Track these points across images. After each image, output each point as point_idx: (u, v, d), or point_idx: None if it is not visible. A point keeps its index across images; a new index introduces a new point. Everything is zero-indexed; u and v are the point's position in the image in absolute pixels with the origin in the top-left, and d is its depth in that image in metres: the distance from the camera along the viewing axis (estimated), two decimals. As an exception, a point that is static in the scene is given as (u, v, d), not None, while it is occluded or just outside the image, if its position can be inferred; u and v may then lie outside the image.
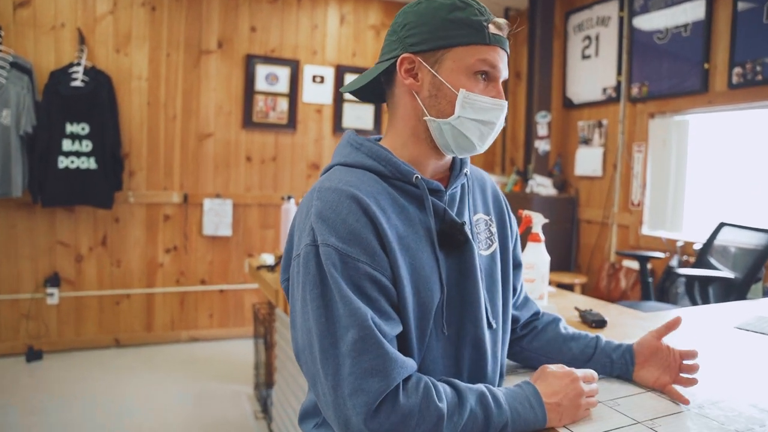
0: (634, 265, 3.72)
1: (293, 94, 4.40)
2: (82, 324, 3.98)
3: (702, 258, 2.90)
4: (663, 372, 1.06)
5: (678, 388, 1.04)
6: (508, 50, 0.96)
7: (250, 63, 4.25)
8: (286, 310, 2.40)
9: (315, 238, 0.83)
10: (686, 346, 1.08)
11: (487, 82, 0.92)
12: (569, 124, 4.42)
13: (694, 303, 2.67)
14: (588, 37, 4.16)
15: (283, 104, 4.39)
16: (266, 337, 3.08)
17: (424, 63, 0.91)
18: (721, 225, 2.93)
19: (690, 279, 2.65)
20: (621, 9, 3.86)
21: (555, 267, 3.99)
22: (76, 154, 3.70)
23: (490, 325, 0.98)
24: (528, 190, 4.33)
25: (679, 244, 3.42)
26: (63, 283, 3.90)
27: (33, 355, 3.72)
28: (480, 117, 0.91)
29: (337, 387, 0.78)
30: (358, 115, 4.63)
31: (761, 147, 3.20)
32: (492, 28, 0.90)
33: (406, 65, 0.92)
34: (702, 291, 2.55)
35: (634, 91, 3.80)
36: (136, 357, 3.93)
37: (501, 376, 1.06)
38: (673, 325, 1.07)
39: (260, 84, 4.30)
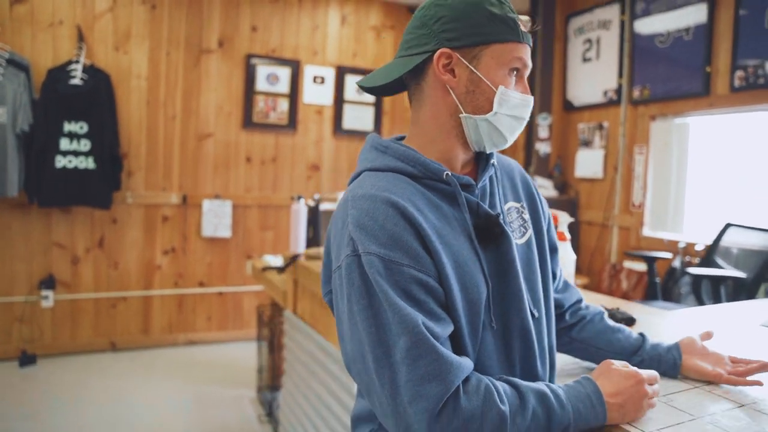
0: (636, 266, 3.73)
1: (294, 94, 4.37)
2: (77, 327, 3.90)
3: (708, 258, 2.92)
4: (716, 364, 1.07)
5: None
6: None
7: (250, 63, 4.22)
8: (296, 311, 2.37)
9: (356, 248, 0.82)
10: (718, 344, 1.09)
11: (517, 79, 0.93)
12: (569, 126, 4.44)
13: (701, 303, 2.68)
14: (589, 40, 4.19)
15: (284, 105, 4.35)
16: (272, 340, 3.04)
17: (462, 59, 0.90)
18: (728, 225, 2.95)
19: (699, 279, 2.66)
20: (622, 12, 3.89)
21: (557, 269, 3.98)
22: (74, 153, 3.63)
23: (532, 315, 0.97)
24: (529, 192, 4.33)
25: (681, 245, 3.44)
26: (58, 285, 3.81)
27: (26, 359, 3.63)
28: (513, 113, 0.92)
29: (396, 395, 0.77)
30: (358, 116, 4.61)
31: (763, 149, 3.23)
32: (522, 26, 0.91)
33: (444, 60, 0.90)
34: (714, 291, 2.56)
35: (636, 93, 3.82)
36: (133, 361, 3.86)
37: (552, 366, 1.04)
38: (706, 337, 1.14)
39: (261, 84, 4.26)
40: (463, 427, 0.76)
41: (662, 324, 1.58)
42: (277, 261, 2.93)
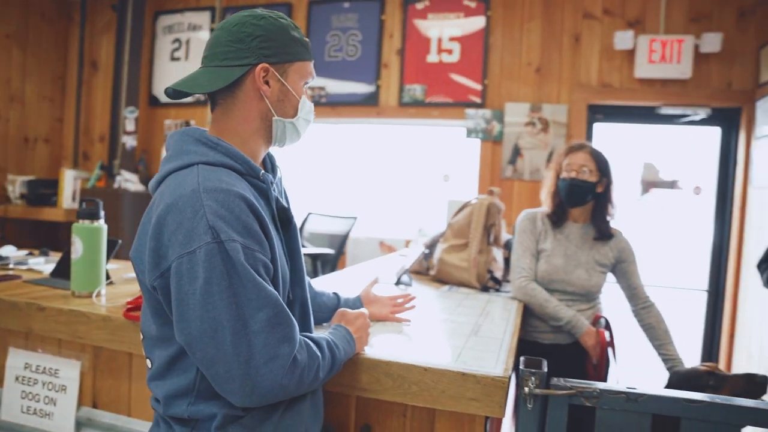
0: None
1: None
2: None
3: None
4: (382, 307, 1.54)
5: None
6: None
7: None
8: None
9: (217, 236, 0.91)
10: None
11: (306, 89, 1.15)
12: (155, 121, 4.44)
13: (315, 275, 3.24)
14: (178, 40, 4.31)
15: None
16: None
17: (275, 73, 1.07)
18: (309, 214, 3.60)
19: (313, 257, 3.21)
20: (212, 21, 4.19)
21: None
22: None
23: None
24: (116, 185, 4.12)
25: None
26: None
27: None
28: (308, 117, 1.15)
29: (250, 359, 0.91)
30: None
31: (328, 154, 4.09)
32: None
33: (263, 73, 1.06)
34: (314, 265, 3.13)
35: (224, 97, 4.17)
36: None
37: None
38: (373, 283, 1.60)
39: None
40: (300, 375, 0.96)
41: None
42: None
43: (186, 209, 0.93)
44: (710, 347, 3.60)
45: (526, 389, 1.06)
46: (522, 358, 1.12)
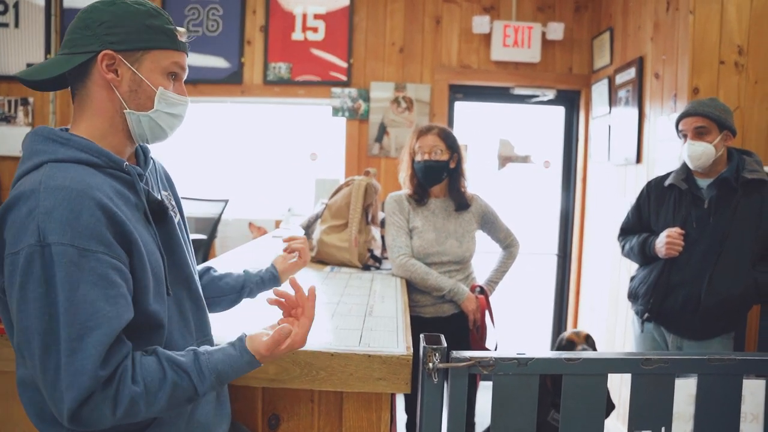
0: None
1: None
2: None
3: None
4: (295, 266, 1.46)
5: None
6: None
7: None
8: None
9: (42, 238, 0.84)
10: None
11: (175, 82, 1.06)
12: (-21, 98, 3.88)
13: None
14: (3, 2, 3.78)
15: None
16: None
17: (124, 61, 0.99)
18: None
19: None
20: (47, -15, 3.72)
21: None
22: None
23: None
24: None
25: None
26: None
27: None
28: (172, 111, 1.06)
29: (57, 381, 0.83)
30: None
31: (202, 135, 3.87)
32: (180, 36, 1.05)
33: (107, 61, 0.98)
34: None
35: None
36: None
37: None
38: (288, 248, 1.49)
39: None
40: (100, 413, 0.85)
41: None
42: None
43: (22, 208, 0.87)
44: (561, 303, 4.03)
45: (431, 364, 1.12)
46: (422, 336, 1.18)
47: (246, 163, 4.14)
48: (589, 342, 2.26)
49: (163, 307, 0.99)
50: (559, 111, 4.03)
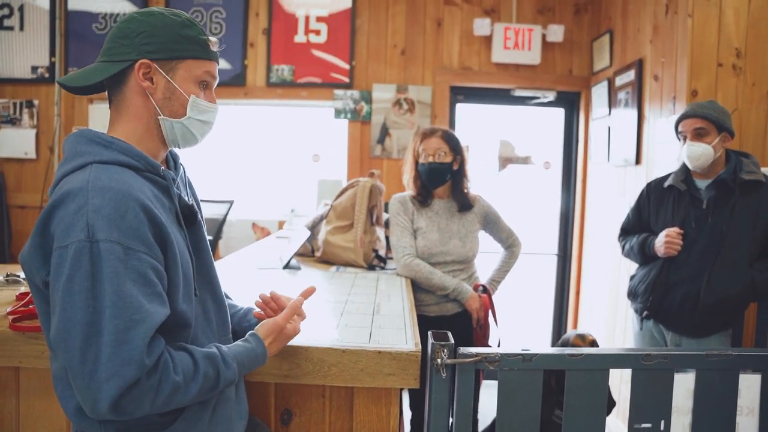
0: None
1: None
2: None
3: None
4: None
5: None
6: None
7: None
8: None
9: (92, 234, 0.89)
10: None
11: (206, 89, 1.11)
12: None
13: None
14: (8, 5, 3.82)
15: None
16: None
17: (159, 69, 1.04)
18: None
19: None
20: (52, -11, 3.76)
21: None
22: None
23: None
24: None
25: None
26: None
27: None
28: (203, 118, 1.10)
29: (94, 372, 0.86)
30: None
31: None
32: (211, 46, 1.10)
33: (144, 69, 1.03)
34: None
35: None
36: None
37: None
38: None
39: None
40: (140, 402, 0.88)
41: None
42: None
43: (70, 205, 0.91)
44: (561, 302, 4.07)
45: (439, 360, 1.16)
46: (430, 333, 1.22)
47: (249, 165, 4.18)
48: (594, 347, 2.30)
49: (190, 307, 1.03)
50: (559, 112, 4.06)
